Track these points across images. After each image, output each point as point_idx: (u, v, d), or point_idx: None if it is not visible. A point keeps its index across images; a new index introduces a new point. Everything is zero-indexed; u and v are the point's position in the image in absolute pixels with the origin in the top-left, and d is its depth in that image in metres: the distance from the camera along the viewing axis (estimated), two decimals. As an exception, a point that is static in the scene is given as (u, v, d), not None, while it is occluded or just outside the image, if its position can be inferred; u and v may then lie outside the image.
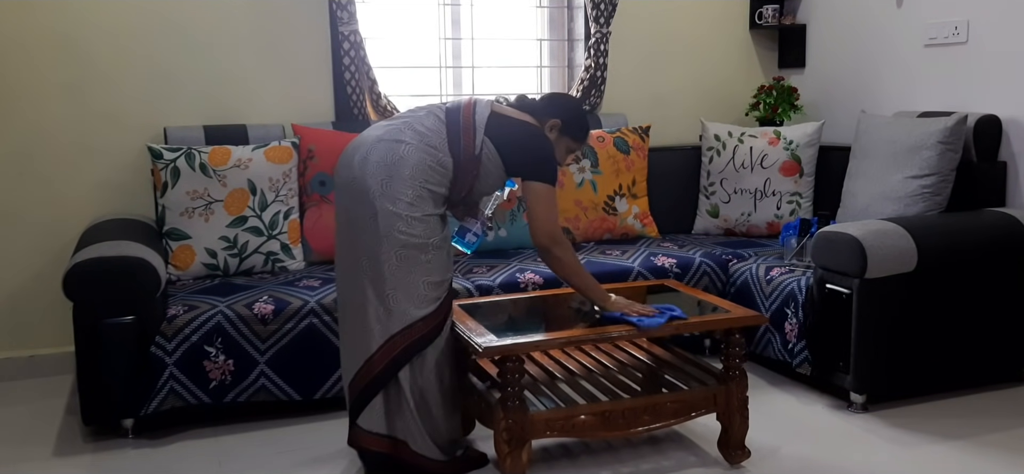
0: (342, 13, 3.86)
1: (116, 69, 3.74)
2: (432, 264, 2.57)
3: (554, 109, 2.76)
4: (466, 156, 2.60)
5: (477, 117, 2.62)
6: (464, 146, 2.59)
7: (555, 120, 2.73)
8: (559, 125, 2.73)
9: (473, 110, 2.64)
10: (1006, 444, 2.93)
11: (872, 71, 4.27)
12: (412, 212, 2.52)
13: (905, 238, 3.14)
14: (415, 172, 2.53)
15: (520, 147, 2.65)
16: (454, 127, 2.60)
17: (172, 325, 3.00)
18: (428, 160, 2.56)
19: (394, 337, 2.55)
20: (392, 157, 2.53)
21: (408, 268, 2.53)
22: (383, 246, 2.51)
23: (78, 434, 3.11)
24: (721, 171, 4.21)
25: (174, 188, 3.41)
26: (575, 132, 2.78)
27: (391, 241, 2.51)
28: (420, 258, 2.54)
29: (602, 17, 4.27)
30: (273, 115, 3.92)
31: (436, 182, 2.58)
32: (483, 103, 2.68)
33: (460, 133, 2.59)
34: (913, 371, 3.25)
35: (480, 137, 2.60)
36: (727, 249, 3.87)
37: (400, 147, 2.54)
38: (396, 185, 2.51)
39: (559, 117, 2.73)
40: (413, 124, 2.60)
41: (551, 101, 2.81)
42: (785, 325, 3.38)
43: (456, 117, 2.62)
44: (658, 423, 2.71)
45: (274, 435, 3.08)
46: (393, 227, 2.50)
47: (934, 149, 3.52)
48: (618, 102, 4.48)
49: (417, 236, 2.53)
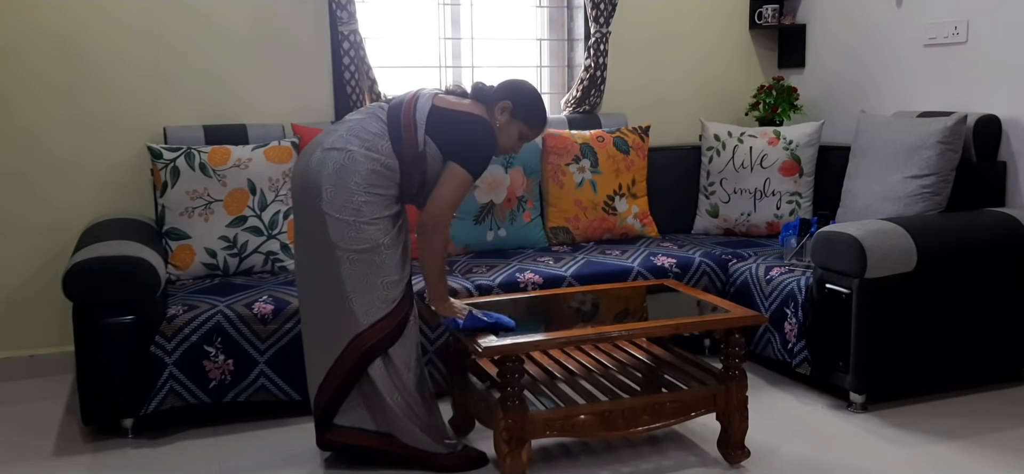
0: (342, 13, 3.86)
1: (116, 69, 3.74)
2: (387, 264, 2.58)
3: (505, 92, 2.72)
4: (410, 154, 2.59)
5: (417, 114, 2.60)
6: (406, 145, 2.59)
7: (505, 102, 2.69)
8: (510, 107, 2.70)
9: (414, 106, 2.62)
10: (1006, 444, 2.93)
11: (872, 71, 4.27)
12: (359, 218, 2.53)
13: (905, 238, 3.14)
14: (361, 179, 2.54)
15: (454, 136, 2.62)
16: (395, 127, 2.60)
17: (172, 325, 3.00)
18: (372, 166, 2.56)
19: (357, 338, 2.57)
20: (337, 166, 2.54)
21: (364, 272, 2.55)
22: (335, 254, 2.54)
23: (78, 434, 3.11)
24: (721, 171, 4.21)
25: (174, 188, 3.41)
26: (527, 115, 2.73)
27: (342, 249, 2.53)
28: (374, 260, 2.56)
29: (602, 17, 4.27)
30: (273, 115, 3.92)
31: (383, 186, 2.58)
32: (425, 96, 2.65)
33: (401, 132, 2.59)
34: (913, 371, 3.25)
35: (421, 134, 2.59)
36: (727, 249, 3.87)
37: (344, 156, 2.55)
38: (343, 194, 2.53)
39: (510, 99, 2.70)
40: (356, 130, 2.60)
41: (504, 85, 2.76)
42: (785, 325, 3.38)
43: (397, 116, 2.61)
44: (658, 423, 2.71)
45: (274, 435, 3.08)
46: (343, 235, 2.53)
47: (934, 149, 3.52)
48: (618, 102, 4.48)
49: (367, 240, 2.54)
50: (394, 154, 2.58)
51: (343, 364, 2.60)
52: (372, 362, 2.59)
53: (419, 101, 2.63)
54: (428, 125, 2.60)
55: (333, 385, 2.63)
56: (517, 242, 3.88)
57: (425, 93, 2.67)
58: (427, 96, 2.65)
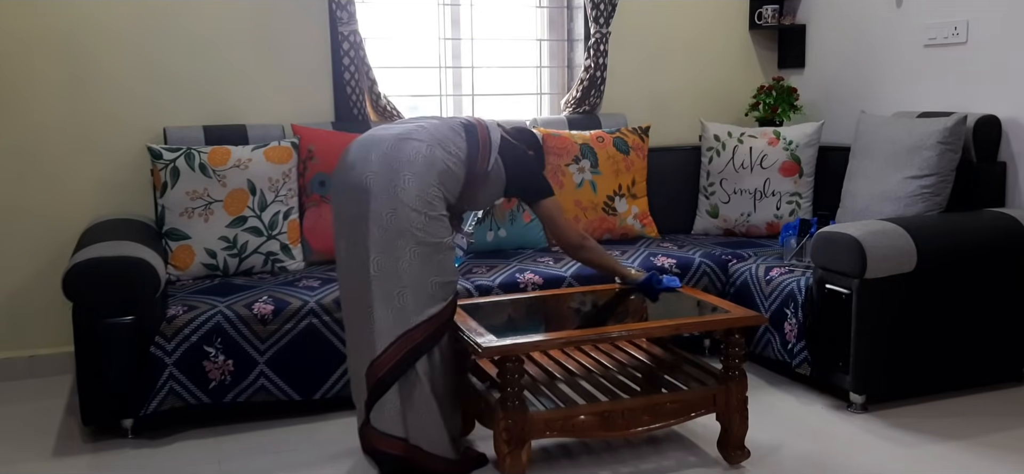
0: (342, 13, 3.86)
1: (116, 69, 3.74)
2: (443, 264, 2.61)
3: (527, 140, 3.07)
4: (479, 171, 2.75)
5: (492, 136, 2.80)
6: (479, 161, 2.75)
7: (530, 151, 3.04)
8: (532, 156, 3.04)
9: (487, 131, 2.81)
10: (1006, 444, 2.93)
11: (872, 71, 4.27)
12: (431, 211, 2.57)
13: (905, 238, 3.14)
14: (439, 176, 2.62)
15: (524, 169, 2.91)
16: (473, 142, 2.75)
17: (172, 325, 3.00)
18: (450, 166, 2.66)
19: (404, 335, 2.54)
20: (415, 156, 2.59)
21: (421, 265, 2.55)
22: (399, 243, 2.53)
23: (78, 434, 3.11)
24: (721, 171, 4.21)
25: (174, 188, 3.41)
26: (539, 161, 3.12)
27: (408, 237, 2.53)
28: (434, 257, 2.58)
29: (602, 17, 4.27)
30: (273, 115, 3.92)
31: (450, 189, 2.67)
32: (494, 126, 2.87)
33: (478, 149, 2.74)
34: (913, 371, 3.25)
35: (494, 156, 2.78)
36: (727, 249, 3.87)
37: (423, 148, 2.61)
38: (417, 184, 2.56)
39: (532, 148, 3.05)
40: (431, 131, 2.69)
41: (521, 135, 3.06)
42: (785, 325, 3.38)
43: (474, 134, 2.77)
44: (658, 423, 2.71)
45: (274, 435, 3.08)
46: (412, 224, 2.54)
47: (934, 149, 3.52)
48: (618, 102, 4.48)
49: (433, 235, 2.57)
50: (465, 164, 2.72)
51: (383, 362, 2.55)
52: (414, 364, 2.57)
53: (491, 128, 2.84)
54: (501, 152, 2.82)
55: (371, 381, 2.57)
56: (517, 242, 3.88)
57: (495, 126, 2.87)
58: (496, 126, 2.87)
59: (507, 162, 2.84)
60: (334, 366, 3.14)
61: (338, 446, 2.95)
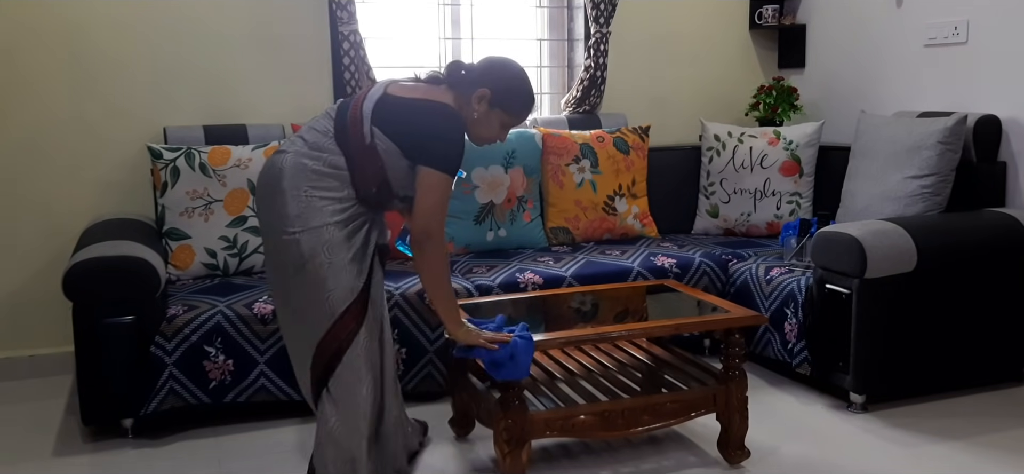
0: (342, 13, 3.86)
1: (116, 69, 3.74)
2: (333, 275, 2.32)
3: (483, 77, 2.40)
4: (357, 149, 2.32)
5: (366, 104, 2.35)
6: (352, 137, 2.32)
7: (482, 90, 2.38)
8: (488, 96, 2.39)
9: (364, 97, 2.38)
10: (1006, 444, 2.93)
11: (872, 71, 4.27)
12: (294, 227, 2.30)
13: (905, 238, 3.14)
14: (293, 182, 2.31)
15: (413, 130, 2.33)
16: (342, 121, 2.36)
17: (172, 325, 3.00)
18: (309, 165, 2.32)
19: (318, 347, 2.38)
20: (270, 174, 2.36)
21: (308, 285, 2.33)
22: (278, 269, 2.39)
23: (78, 434, 3.11)
24: (721, 171, 4.21)
25: (174, 188, 3.41)
26: (508, 103, 2.42)
27: (281, 261, 2.35)
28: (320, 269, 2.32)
29: (602, 17, 4.27)
30: (273, 115, 3.92)
31: (326, 186, 2.33)
32: (377, 86, 2.40)
33: (347, 126, 2.34)
34: (913, 371, 3.25)
35: (367, 126, 2.32)
36: (727, 249, 3.87)
37: (278, 160, 2.35)
38: (276, 203, 2.33)
39: (488, 86, 2.38)
40: (304, 131, 2.41)
41: (482, 68, 2.44)
42: (785, 325, 3.38)
43: (345, 109, 2.38)
44: (658, 423, 2.71)
45: (274, 435, 3.08)
46: (276, 247, 2.35)
47: (934, 149, 3.52)
48: (618, 102, 4.48)
49: (302, 253, 2.31)
50: (339, 150, 2.33)
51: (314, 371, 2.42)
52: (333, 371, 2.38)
53: (371, 90, 2.39)
54: (375, 115, 2.32)
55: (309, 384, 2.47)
56: (517, 242, 3.88)
57: (384, 81, 2.42)
58: (380, 85, 2.39)
59: (390, 129, 2.32)
60: (334, 366, 3.14)
61: (338, 446, 2.95)
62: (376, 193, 2.38)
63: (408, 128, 2.33)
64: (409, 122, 2.33)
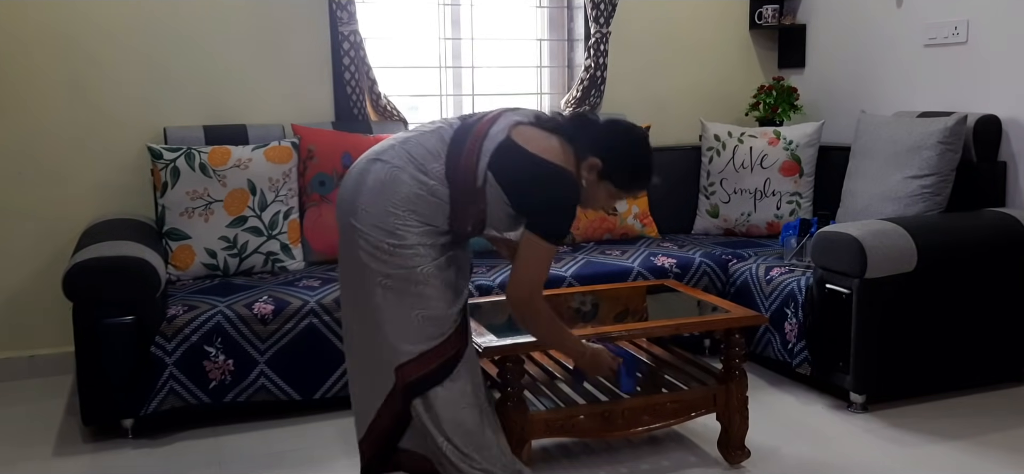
0: (342, 13, 3.86)
1: (116, 69, 3.74)
2: (424, 297, 2.19)
3: (599, 145, 2.23)
4: (464, 187, 2.17)
5: (486, 142, 2.17)
6: (462, 173, 2.17)
7: (594, 160, 2.22)
8: (598, 168, 2.23)
9: (485, 133, 2.19)
10: (1006, 444, 2.93)
11: (872, 71, 4.27)
12: (394, 241, 2.16)
13: (905, 238, 3.14)
14: (403, 200, 2.17)
15: (529, 190, 2.18)
16: (455, 152, 2.18)
17: (172, 325, 3.00)
18: (416, 188, 2.18)
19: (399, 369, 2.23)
20: (380, 181, 2.19)
21: (396, 300, 2.19)
22: (367, 275, 2.19)
23: (78, 434, 3.11)
24: (721, 171, 4.21)
25: (174, 188, 3.41)
26: (619, 177, 2.26)
27: (373, 271, 2.18)
28: (409, 290, 2.18)
29: (602, 17, 4.27)
30: (273, 115, 3.92)
31: (426, 213, 2.19)
32: (501, 124, 2.20)
33: (460, 158, 2.17)
34: (913, 371, 3.25)
35: (483, 167, 2.16)
36: (727, 249, 3.87)
37: (386, 170, 2.20)
38: (379, 212, 2.17)
39: (600, 157, 2.22)
40: (410, 145, 2.23)
41: (601, 132, 2.28)
42: (785, 325, 3.38)
43: (462, 140, 2.20)
44: (658, 423, 2.71)
45: (274, 435, 3.08)
46: (373, 257, 2.18)
47: (934, 149, 3.52)
48: (618, 102, 4.48)
49: (401, 267, 2.17)
50: (445, 180, 2.17)
51: (393, 402, 2.25)
52: (413, 399, 2.23)
53: (494, 127, 2.19)
54: (494, 159, 2.15)
55: (385, 425, 2.30)
56: (517, 242, 3.88)
57: (505, 119, 2.21)
58: (504, 125, 2.20)
59: (505, 179, 2.17)
60: (334, 366, 3.14)
61: (338, 446, 2.95)
62: (470, 230, 2.26)
63: (525, 187, 2.18)
64: (528, 181, 2.18)
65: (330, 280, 3.27)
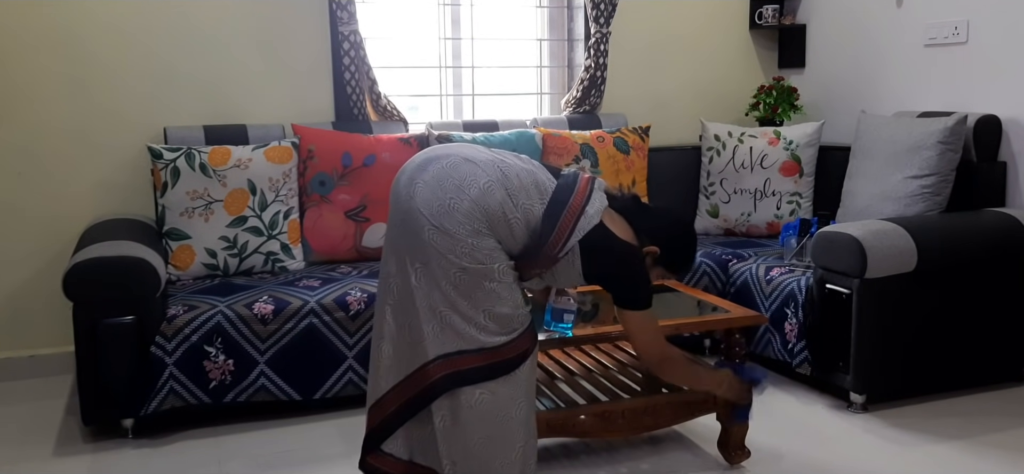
0: (342, 13, 3.86)
1: (116, 69, 3.74)
2: (496, 294, 2.18)
3: (658, 236, 2.40)
4: (548, 249, 2.22)
5: (582, 220, 2.24)
6: (554, 238, 2.22)
7: (653, 248, 2.39)
8: (656, 254, 2.40)
9: (580, 210, 2.25)
10: (1006, 444, 2.93)
11: (872, 71, 4.27)
12: (474, 239, 2.15)
13: (905, 238, 3.14)
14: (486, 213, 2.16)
15: (611, 272, 2.32)
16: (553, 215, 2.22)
17: (172, 325, 3.00)
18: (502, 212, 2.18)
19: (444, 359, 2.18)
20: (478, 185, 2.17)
21: (469, 293, 2.16)
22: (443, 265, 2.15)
23: (78, 434, 3.11)
24: (721, 171, 4.21)
25: (174, 188, 3.41)
26: (672, 265, 2.49)
27: (449, 263, 2.15)
28: (483, 284, 2.17)
29: (602, 17, 4.27)
30: (273, 115, 3.92)
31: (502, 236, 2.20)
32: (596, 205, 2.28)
33: (556, 223, 2.22)
34: (913, 371, 3.25)
35: (572, 243, 2.23)
36: (727, 249, 3.87)
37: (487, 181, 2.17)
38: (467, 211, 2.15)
39: (659, 246, 2.39)
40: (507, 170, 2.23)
41: (660, 223, 2.45)
42: (785, 325, 3.38)
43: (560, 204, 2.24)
44: (658, 423, 2.71)
45: (274, 435, 3.08)
46: (452, 249, 2.14)
47: (934, 149, 3.52)
48: (618, 102, 4.48)
49: (477, 261, 2.15)
50: (532, 227, 2.21)
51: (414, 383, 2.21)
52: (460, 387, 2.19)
53: (589, 206, 2.27)
54: (586, 239, 2.24)
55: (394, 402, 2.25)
56: (517, 242, 3.88)
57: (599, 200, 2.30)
58: (599, 207, 2.29)
59: (589, 254, 2.24)
60: (334, 366, 3.14)
61: (338, 446, 2.95)
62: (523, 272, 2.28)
63: (610, 267, 2.31)
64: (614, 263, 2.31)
65: (330, 280, 3.27)
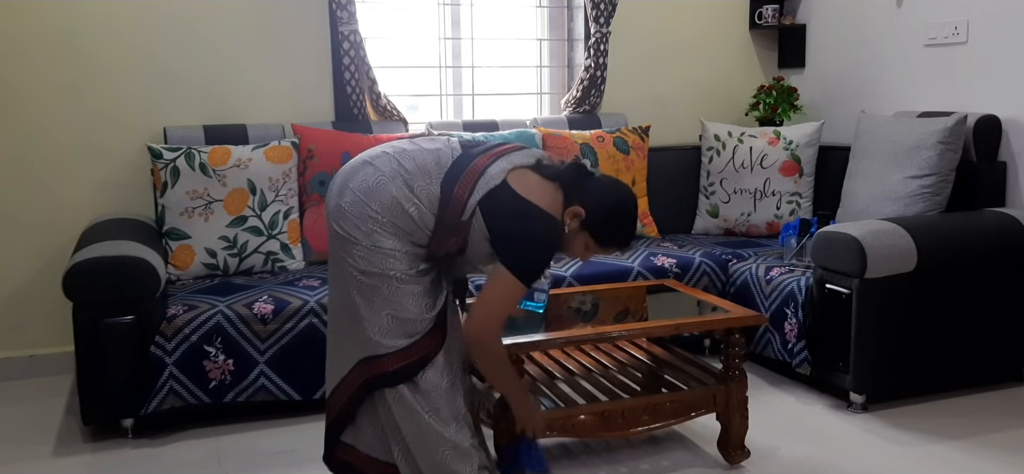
0: (342, 13, 3.86)
1: (116, 69, 3.74)
2: (395, 299, 2.18)
3: (587, 199, 2.26)
4: (451, 216, 2.17)
5: (482, 179, 2.17)
6: (453, 204, 2.16)
7: (578, 208, 2.25)
8: (581, 216, 2.25)
9: (482, 170, 2.18)
10: (1006, 444, 2.93)
11: (872, 71, 4.27)
12: (369, 241, 2.15)
13: (905, 238, 3.14)
14: (385, 208, 2.16)
15: (511, 230, 2.18)
16: (451, 180, 2.18)
17: (172, 325, 3.00)
18: (400, 202, 2.16)
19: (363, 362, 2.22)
20: (367, 186, 2.18)
21: (369, 298, 2.18)
22: (345, 270, 2.20)
23: (78, 434, 3.11)
24: (721, 171, 4.21)
25: (174, 188, 3.41)
26: (599, 232, 2.29)
27: (351, 267, 2.18)
28: (380, 289, 2.17)
29: (602, 17, 4.27)
30: (273, 115, 3.92)
31: (406, 227, 2.18)
32: (501, 165, 2.20)
33: (454, 188, 2.17)
34: (913, 371, 3.25)
35: (472, 203, 2.16)
36: (727, 249, 3.87)
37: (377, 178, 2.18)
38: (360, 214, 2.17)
39: (586, 208, 2.25)
40: (404, 160, 2.21)
41: (594, 186, 2.31)
42: (785, 325, 3.38)
43: (460, 169, 2.19)
44: (658, 423, 2.71)
45: (274, 435, 3.08)
46: (350, 253, 2.17)
47: (934, 149, 3.52)
48: (618, 102, 4.48)
49: (374, 266, 2.16)
50: (434, 203, 2.17)
51: (350, 383, 2.26)
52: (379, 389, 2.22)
53: (492, 166, 2.19)
54: (486, 198, 2.16)
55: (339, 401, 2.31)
56: (517, 242, 3.87)
57: (506, 160, 2.22)
58: (503, 167, 2.20)
59: (492, 218, 2.17)
60: (334, 366, 3.14)
61: (338, 446, 2.95)
62: (443, 257, 2.25)
63: (508, 227, 2.17)
64: (511, 218, 2.17)
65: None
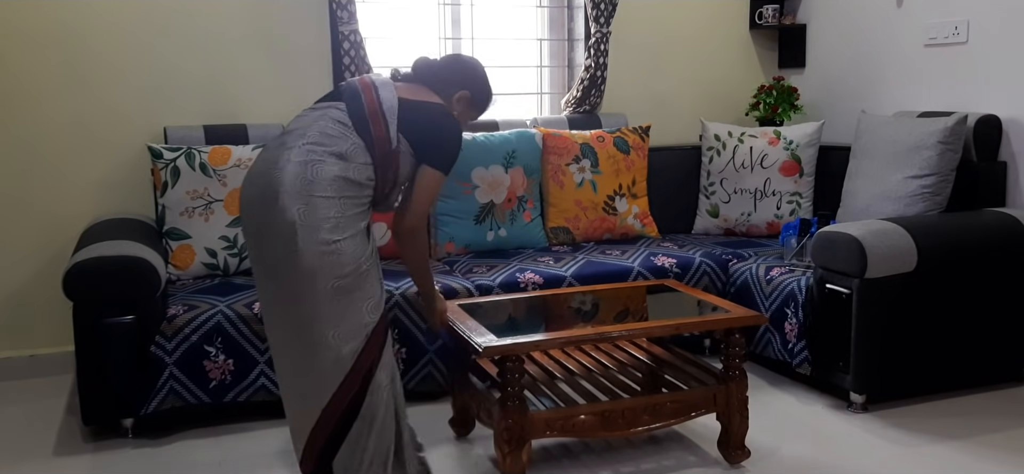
0: (342, 13, 3.86)
1: (116, 69, 3.74)
2: (367, 288, 2.23)
3: (461, 78, 2.51)
4: (382, 152, 2.28)
5: (385, 107, 2.31)
6: (377, 142, 2.28)
7: (463, 92, 2.50)
8: (468, 97, 2.51)
9: (377, 99, 2.32)
10: (1006, 444, 2.93)
11: (872, 71, 4.27)
12: (336, 236, 2.17)
13: (905, 238, 3.14)
14: (334, 189, 2.19)
15: (427, 134, 2.36)
16: (361, 124, 2.27)
17: (172, 325, 3.00)
18: (346, 173, 2.21)
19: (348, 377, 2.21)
20: (305, 179, 2.17)
21: (346, 301, 2.19)
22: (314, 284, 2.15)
23: (78, 434, 3.11)
24: (721, 171, 4.21)
25: (174, 188, 3.41)
26: (482, 103, 2.58)
27: (322, 277, 2.15)
28: (358, 284, 2.21)
29: (602, 17, 4.27)
30: (273, 115, 3.92)
31: (356, 191, 2.24)
32: (385, 86, 2.36)
33: (370, 128, 2.27)
34: (913, 371, 3.25)
35: (394, 131, 2.30)
36: (727, 249, 3.87)
37: (314, 166, 2.19)
38: (316, 211, 2.15)
39: (468, 89, 2.51)
40: (310, 137, 2.23)
41: (455, 68, 2.54)
42: (785, 325, 3.38)
43: (360, 112, 2.29)
44: (658, 423, 2.71)
45: (274, 435, 3.08)
46: (322, 261, 2.15)
47: (934, 149, 3.52)
48: (618, 102, 4.48)
49: (347, 264, 2.18)
50: (368, 154, 2.26)
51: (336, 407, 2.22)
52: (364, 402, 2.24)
53: (381, 92, 2.34)
54: (400, 121, 2.31)
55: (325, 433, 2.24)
56: (517, 242, 3.88)
57: (382, 82, 2.39)
58: (388, 87, 2.36)
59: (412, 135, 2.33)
60: (334, 366, 3.14)
61: (338, 446, 2.95)
62: (386, 196, 2.37)
63: (424, 134, 2.36)
64: (427, 127, 2.37)
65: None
